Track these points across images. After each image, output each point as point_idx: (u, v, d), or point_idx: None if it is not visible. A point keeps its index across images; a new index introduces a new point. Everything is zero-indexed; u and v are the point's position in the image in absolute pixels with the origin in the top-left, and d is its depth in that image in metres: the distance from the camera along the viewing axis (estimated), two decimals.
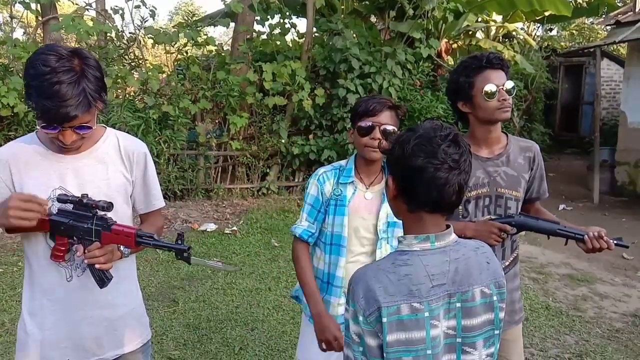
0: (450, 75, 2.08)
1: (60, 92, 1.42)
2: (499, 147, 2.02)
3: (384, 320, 1.16)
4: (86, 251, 1.55)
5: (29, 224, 1.50)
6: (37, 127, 1.51)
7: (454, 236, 1.27)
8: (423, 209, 1.23)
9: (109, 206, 1.54)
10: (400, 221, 1.33)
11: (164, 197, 1.96)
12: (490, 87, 1.91)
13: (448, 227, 1.27)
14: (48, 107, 1.43)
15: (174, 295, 4.23)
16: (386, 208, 1.95)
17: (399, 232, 1.99)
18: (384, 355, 1.18)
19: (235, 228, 6.11)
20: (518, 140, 2.09)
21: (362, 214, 1.95)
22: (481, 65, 1.94)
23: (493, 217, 1.97)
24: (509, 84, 1.93)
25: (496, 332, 1.28)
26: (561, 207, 7.67)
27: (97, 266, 1.56)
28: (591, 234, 1.88)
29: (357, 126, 1.93)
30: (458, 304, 1.23)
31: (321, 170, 2.01)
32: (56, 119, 1.45)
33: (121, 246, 1.63)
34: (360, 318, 1.19)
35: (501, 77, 1.93)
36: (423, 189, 1.20)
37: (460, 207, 1.96)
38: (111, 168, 1.69)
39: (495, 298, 1.26)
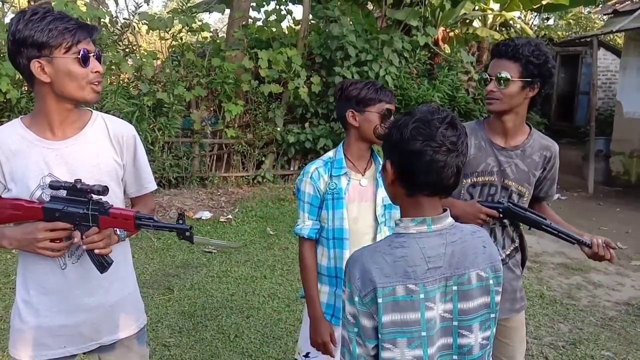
0: None
1: (55, 19, 1.50)
2: (517, 139, 1.96)
3: (380, 301, 1.17)
4: (84, 237, 1.53)
5: (57, 255, 1.55)
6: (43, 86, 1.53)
7: (450, 219, 1.27)
8: (422, 192, 1.23)
9: (105, 190, 1.51)
10: (397, 205, 1.32)
11: (159, 185, 1.94)
12: (484, 75, 1.91)
13: (445, 210, 1.27)
14: (59, 28, 1.49)
15: (169, 283, 4.22)
16: (382, 192, 1.95)
17: (397, 214, 1.99)
18: (379, 336, 1.18)
19: (230, 216, 6.10)
20: (541, 137, 2.02)
21: (360, 202, 1.95)
22: (494, 52, 1.93)
23: (484, 201, 1.94)
24: (502, 74, 1.84)
25: (492, 315, 1.28)
26: (556, 196, 7.64)
27: (96, 251, 1.54)
28: (581, 239, 1.88)
29: (371, 111, 1.88)
30: (454, 287, 1.23)
31: (312, 167, 1.97)
32: (73, 35, 1.49)
33: (117, 229, 1.61)
34: (356, 299, 1.19)
35: (497, 66, 1.87)
36: (422, 172, 1.20)
37: (462, 191, 1.96)
38: (101, 152, 1.65)
39: (491, 282, 1.26)
